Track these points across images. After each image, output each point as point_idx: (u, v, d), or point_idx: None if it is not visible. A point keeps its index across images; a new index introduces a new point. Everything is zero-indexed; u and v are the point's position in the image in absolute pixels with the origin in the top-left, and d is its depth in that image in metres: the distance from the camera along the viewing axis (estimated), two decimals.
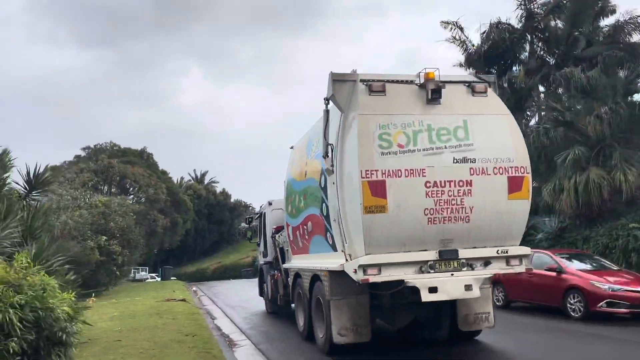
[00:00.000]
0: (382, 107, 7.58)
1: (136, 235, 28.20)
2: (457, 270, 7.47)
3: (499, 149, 7.73)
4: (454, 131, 7.64)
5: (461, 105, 7.87)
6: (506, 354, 8.67)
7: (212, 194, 73.15)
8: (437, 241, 7.45)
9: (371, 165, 7.22)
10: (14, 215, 8.42)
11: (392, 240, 7.29)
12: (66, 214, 24.90)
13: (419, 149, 7.44)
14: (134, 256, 28.27)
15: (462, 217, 7.46)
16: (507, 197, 7.66)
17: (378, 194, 7.17)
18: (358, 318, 8.43)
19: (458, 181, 7.49)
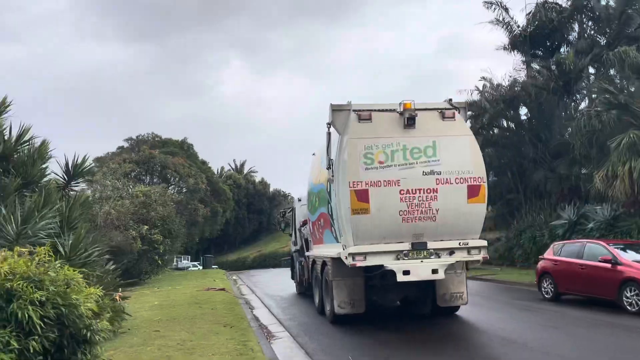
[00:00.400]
0: (368, 132, 9.75)
1: (177, 225, 28.45)
2: (426, 258, 9.61)
3: (461, 163, 9.73)
4: (424, 150, 9.72)
5: (432, 129, 9.92)
6: (557, 348, 8.20)
7: (251, 183, 73.64)
8: (411, 235, 9.59)
9: (357, 178, 9.49)
10: (51, 205, 8.40)
11: (374, 235, 9.50)
12: (109, 204, 25.32)
13: (395, 165, 9.60)
14: (175, 245, 28.56)
15: (431, 216, 9.58)
16: (467, 201, 9.66)
17: (362, 199, 9.43)
18: (354, 294, 10.87)
19: (427, 189, 9.59)
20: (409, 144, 9.78)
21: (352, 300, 10.94)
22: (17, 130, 9.56)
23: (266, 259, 56.41)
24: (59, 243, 8.31)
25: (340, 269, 10.73)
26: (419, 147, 9.78)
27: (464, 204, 9.69)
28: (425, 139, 9.85)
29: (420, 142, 9.83)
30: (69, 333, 3.46)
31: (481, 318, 11.55)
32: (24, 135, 9.57)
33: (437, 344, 9.02)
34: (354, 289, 10.93)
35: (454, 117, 10.16)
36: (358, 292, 10.93)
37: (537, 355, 8.03)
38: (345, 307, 10.97)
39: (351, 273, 10.64)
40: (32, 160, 9.29)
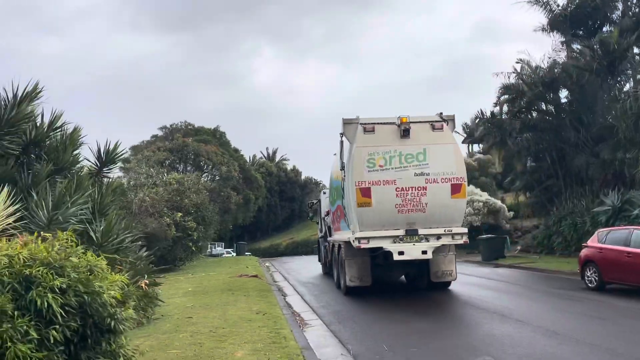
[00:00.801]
0: (371, 141, 12.02)
1: (210, 212, 28.55)
2: (417, 242, 11.84)
3: (446, 166, 11.93)
4: (416, 155, 11.92)
5: (423, 138, 12.04)
6: (605, 341, 7.73)
7: (283, 171, 73.65)
8: (405, 224, 11.88)
9: (362, 178, 11.86)
10: (82, 191, 8.32)
11: (375, 223, 11.85)
12: (143, 192, 25.52)
13: (392, 168, 11.88)
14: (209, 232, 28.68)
15: (421, 209, 11.86)
16: (451, 196, 11.90)
17: (366, 195, 11.77)
18: (362, 271, 13.15)
19: (417, 187, 11.84)
20: (404, 151, 11.98)
21: (360, 276, 13.24)
22: (49, 116, 9.52)
23: (298, 246, 56.45)
24: (90, 229, 8.24)
25: (350, 250, 12.90)
26: (412, 154, 11.98)
27: (448, 198, 11.91)
28: (417, 147, 12.02)
29: (413, 150, 12.00)
30: (92, 322, 3.28)
31: (522, 310, 11.10)
32: (55, 121, 9.53)
33: (480, 344, 8.60)
34: (362, 266, 13.19)
35: (442, 128, 12.19)
36: (365, 269, 13.22)
37: (584, 349, 7.58)
38: (355, 281, 13.25)
39: (359, 253, 12.88)
40: (63, 147, 9.25)
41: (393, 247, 11.77)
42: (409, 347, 7.91)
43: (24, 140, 8.87)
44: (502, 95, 27.47)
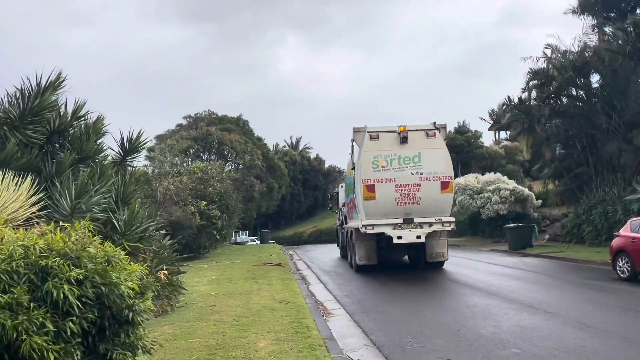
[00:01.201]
0: (376, 147, 14.72)
1: (234, 201, 28.62)
2: (413, 228, 14.44)
3: (436, 167, 14.58)
4: (412, 158, 14.61)
5: (418, 144, 14.71)
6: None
7: (307, 159, 73.52)
8: (403, 214, 14.53)
9: (368, 176, 14.67)
10: (105, 180, 8.32)
11: (379, 213, 14.57)
12: (167, 180, 25.70)
13: (392, 168, 14.65)
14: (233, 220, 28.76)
15: (416, 201, 14.57)
16: (440, 192, 14.60)
17: (371, 190, 14.51)
18: (370, 252, 16.09)
19: (413, 184, 14.53)
20: (402, 154, 14.61)
21: (368, 256, 16.10)
22: (73, 105, 9.53)
23: (322, 235, 56.42)
24: (114, 218, 8.24)
25: (359, 235, 15.62)
26: (409, 157, 14.59)
27: (438, 193, 14.57)
28: (413, 151, 14.60)
29: (410, 153, 14.60)
30: (110, 314, 3.22)
31: (551, 301, 10.83)
32: (79, 110, 9.53)
33: (508, 336, 8.39)
34: (370, 248, 16.03)
35: (435, 135, 14.73)
36: (372, 250, 16.05)
37: (617, 342, 7.32)
38: (363, 260, 16.12)
39: (367, 238, 15.62)
40: (87, 135, 9.24)
41: (393, 232, 14.46)
42: (433, 339, 7.77)
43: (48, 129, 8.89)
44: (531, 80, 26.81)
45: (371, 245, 16.04)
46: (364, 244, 16.06)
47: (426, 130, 14.84)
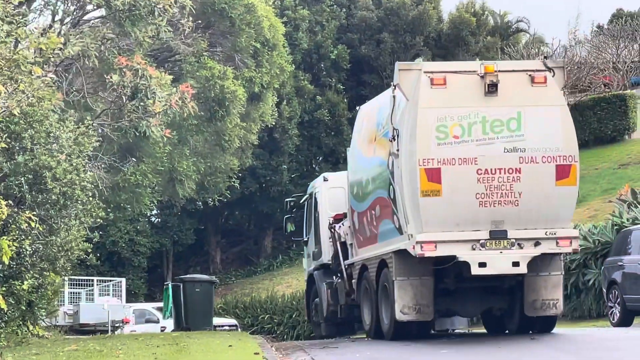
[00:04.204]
0: (442, 100, 10.39)
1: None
2: (506, 248, 10.29)
3: (549, 139, 10.41)
4: (507, 123, 10.40)
5: (517, 96, 10.52)
6: None
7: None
8: (489, 222, 10.30)
9: (428, 155, 10.20)
10: None
11: (446, 221, 10.31)
12: None
13: (472, 140, 10.32)
14: (69, 236, 13.70)
15: (512, 200, 10.30)
16: (555, 183, 10.36)
17: (434, 179, 10.17)
18: (421, 298, 10.86)
19: (507, 169, 10.30)
20: (489, 115, 10.40)
21: (417, 305, 10.89)
22: None
23: None
24: None
25: (404, 267, 10.85)
26: (500, 120, 10.40)
27: (552, 186, 10.38)
28: (508, 110, 10.44)
29: (502, 114, 10.43)
30: None
31: None
32: None
33: None
34: (421, 290, 10.89)
35: (546, 82, 10.56)
36: (426, 294, 10.92)
37: None
38: (409, 312, 10.86)
39: (418, 272, 10.85)
40: None
41: (471, 255, 10.14)
42: None
43: None
44: None
45: (425, 283, 10.76)
46: (412, 283, 10.73)
47: (530, 72, 10.52)
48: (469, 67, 10.93)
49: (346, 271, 13.56)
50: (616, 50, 34.76)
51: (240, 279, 36.68)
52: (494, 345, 10.38)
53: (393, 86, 10.77)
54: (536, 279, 10.84)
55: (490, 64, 10.53)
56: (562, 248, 10.52)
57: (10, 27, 11.54)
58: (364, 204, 12.45)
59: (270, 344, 12.34)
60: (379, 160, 11.64)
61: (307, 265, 16.47)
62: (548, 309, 10.98)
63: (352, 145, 13.58)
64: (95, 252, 17.11)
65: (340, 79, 37.79)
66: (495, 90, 10.32)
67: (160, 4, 16.24)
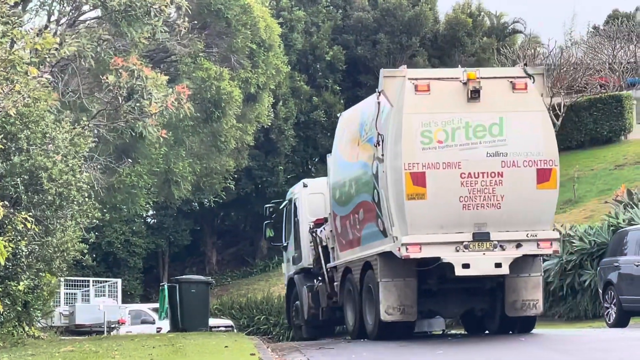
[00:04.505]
0: (426, 106, 10.73)
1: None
2: (489, 250, 10.54)
3: (530, 143, 10.72)
4: (489, 128, 10.69)
5: (499, 102, 10.83)
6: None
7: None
8: (472, 225, 10.60)
9: (413, 159, 10.49)
10: None
11: (431, 223, 10.61)
12: None
13: (455, 145, 10.59)
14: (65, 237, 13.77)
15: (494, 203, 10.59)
16: (536, 186, 10.66)
17: (419, 183, 10.47)
18: (405, 299, 11.16)
19: (490, 173, 10.58)
20: (472, 121, 10.65)
21: (402, 306, 11.15)
22: None
23: None
24: None
25: (389, 269, 11.10)
26: (483, 125, 10.67)
27: (533, 189, 10.67)
28: (490, 115, 10.71)
29: (485, 119, 10.70)
30: None
31: None
32: None
33: None
34: (405, 291, 11.16)
35: (526, 88, 10.86)
36: (410, 295, 11.20)
37: None
38: (394, 313, 11.14)
39: (402, 273, 11.11)
40: None
41: (455, 257, 10.41)
42: None
43: None
44: None
45: (409, 285, 11.07)
46: (396, 285, 11.03)
47: (512, 79, 10.85)
48: (452, 74, 11.14)
49: (328, 274, 13.77)
50: (612, 51, 34.87)
51: (236, 280, 36.68)
52: (489, 345, 10.47)
53: (377, 93, 10.97)
54: (517, 280, 11.12)
55: (473, 70, 10.82)
56: (543, 249, 10.81)
57: (6, 27, 11.59)
58: (347, 208, 12.63)
59: (266, 345, 12.39)
60: (363, 165, 11.86)
61: (287, 269, 16.71)
62: (528, 309, 11.28)
63: (333, 151, 13.74)
64: (91, 252, 17.05)
65: (336, 79, 37.72)
66: (477, 97, 10.58)
67: (156, 4, 16.27)
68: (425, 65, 37.06)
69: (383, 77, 10.90)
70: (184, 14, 17.41)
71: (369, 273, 11.67)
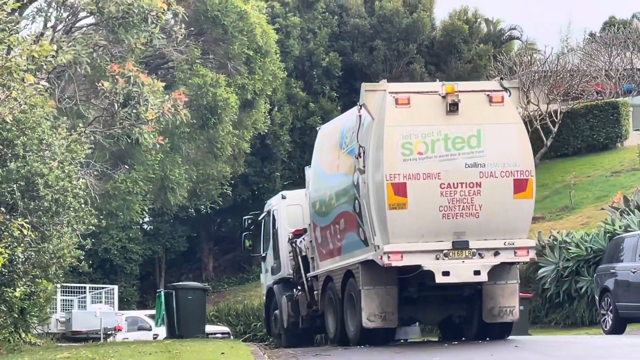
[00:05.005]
0: (406, 119, 11.06)
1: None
2: (468, 258, 10.86)
3: (507, 155, 11.08)
4: (467, 140, 11.01)
5: (477, 115, 11.19)
6: None
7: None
8: (451, 233, 10.93)
9: (394, 170, 10.82)
10: None
11: (412, 232, 10.92)
12: None
13: (435, 156, 10.92)
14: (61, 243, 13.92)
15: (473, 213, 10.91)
16: (513, 196, 10.99)
17: (400, 193, 10.74)
18: (386, 306, 11.45)
19: (469, 183, 10.92)
20: (451, 133, 10.97)
21: (383, 313, 11.40)
22: None
23: None
24: None
25: (370, 276, 11.36)
26: (461, 137, 10.97)
27: (510, 199, 10.99)
28: (469, 127, 11.04)
29: (463, 131, 11.01)
30: None
31: None
32: None
33: None
34: (387, 299, 11.43)
35: (503, 101, 11.21)
36: (391, 302, 11.48)
37: None
38: (375, 320, 11.38)
39: (383, 281, 11.38)
40: None
41: (435, 265, 10.77)
42: None
43: None
44: None
45: (389, 293, 11.38)
46: (378, 292, 11.30)
47: (489, 93, 11.19)
48: (431, 88, 11.46)
49: (308, 283, 14.11)
50: (608, 58, 35.00)
51: (232, 286, 36.62)
52: (484, 351, 10.50)
53: (359, 106, 11.30)
54: (494, 287, 11.48)
55: (451, 84, 11.14)
56: (519, 257, 11.16)
57: (2, 34, 11.62)
58: (327, 218, 12.96)
59: (263, 352, 12.35)
60: (343, 177, 12.16)
61: (265, 279, 17.00)
62: (505, 316, 11.64)
63: (312, 163, 14.07)
64: (88, 259, 17.11)
65: (333, 86, 37.80)
66: (456, 110, 10.94)
67: (153, 11, 16.31)
68: (422, 72, 37.20)
69: (364, 91, 11.22)
70: (180, 21, 17.48)
71: (351, 281, 11.97)
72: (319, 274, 13.60)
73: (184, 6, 18.82)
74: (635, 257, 13.22)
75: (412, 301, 11.90)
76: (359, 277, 11.59)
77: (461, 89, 11.08)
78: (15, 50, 12.74)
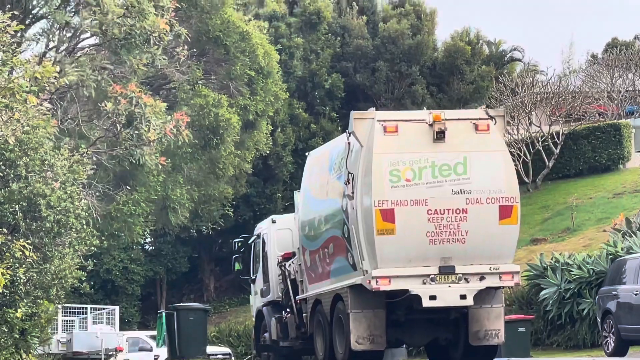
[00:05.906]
0: (394, 146, 11.33)
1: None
2: (454, 282, 11.20)
3: (492, 182, 11.39)
4: (454, 167, 11.33)
5: (463, 143, 11.46)
6: None
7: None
8: (438, 258, 11.22)
9: (383, 196, 11.11)
10: None
11: (400, 257, 11.20)
12: None
13: (422, 183, 11.26)
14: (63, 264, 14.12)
15: (459, 238, 11.26)
16: (498, 222, 11.30)
17: (388, 219, 11.09)
18: (375, 329, 11.74)
19: (455, 210, 11.24)
20: (437, 160, 11.28)
21: (371, 335, 11.68)
22: None
23: None
24: None
25: (359, 300, 11.68)
26: (448, 164, 11.29)
27: (495, 225, 11.31)
28: (455, 155, 11.33)
29: (450, 158, 11.31)
30: None
31: None
32: None
33: None
34: (375, 322, 11.73)
35: (489, 129, 11.54)
36: (379, 325, 11.75)
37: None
38: (364, 342, 11.66)
39: (371, 304, 11.69)
40: None
41: (422, 289, 11.10)
42: None
43: None
44: None
45: (378, 316, 11.64)
46: (366, 315, 11.59)
47: (475, 121, 11.51)
48: (419, 116, 11.84)
49: (297, 306, 14.39)
50: (611, 80, 35.17)
51: (234, 307, 36.49)
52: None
53: (348, 133, 11.64)
54: (480, 311, 11.75)
55: (438, 112, 11.48)
56: (504, 282, 11.47)
57: (6, 55, 11.79)
58: (316, 242, 13.26)
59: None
60: (332, 202, 12.47)
61: (255, 302, 17.27)
62: (491, 339, 11.85)
63: (302, 188, 14.40)
64: (89, 280, 17.16)
65: (335, 107, 37.91)
66: (443, 137, 11.28)
67: (156, 32, 16.54)
68: (424, 93, 37.33)
69: (353, 119, 11.52)
70: (182, 42, 17.69)
71: (340, 304, 12.24)
72: (308, 297, 13.85)
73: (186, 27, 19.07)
74: (638, 279, 13.19)
75: (399, 324, 12.16)
76: (347, 301, 11.88)
77: (448, 117, 11.41)
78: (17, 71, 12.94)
